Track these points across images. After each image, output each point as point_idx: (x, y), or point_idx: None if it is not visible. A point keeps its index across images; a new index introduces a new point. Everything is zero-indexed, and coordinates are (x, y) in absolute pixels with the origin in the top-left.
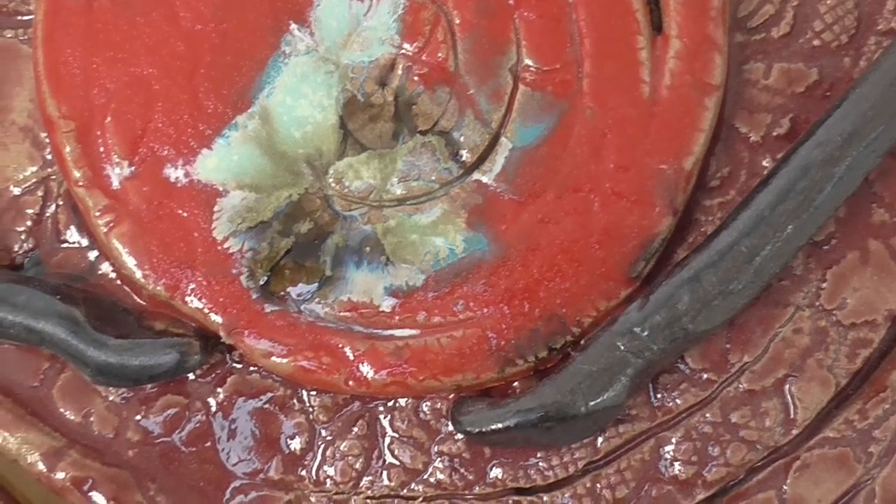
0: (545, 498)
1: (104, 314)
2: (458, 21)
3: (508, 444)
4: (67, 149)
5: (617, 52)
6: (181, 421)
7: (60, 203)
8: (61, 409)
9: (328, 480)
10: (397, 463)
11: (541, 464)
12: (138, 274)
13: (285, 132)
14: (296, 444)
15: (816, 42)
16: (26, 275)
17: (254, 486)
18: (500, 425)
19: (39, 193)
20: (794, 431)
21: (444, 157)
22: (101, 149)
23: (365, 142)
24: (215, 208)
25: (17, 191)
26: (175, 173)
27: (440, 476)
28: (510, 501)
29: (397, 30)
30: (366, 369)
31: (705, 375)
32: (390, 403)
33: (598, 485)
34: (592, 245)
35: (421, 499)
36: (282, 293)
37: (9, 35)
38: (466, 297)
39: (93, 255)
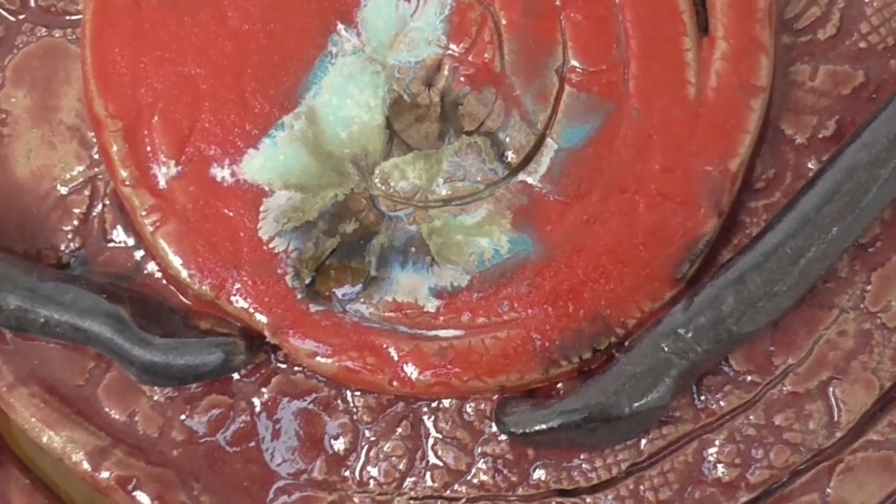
0: (588, 500)
1: (150, 313)
2: (504, 22)
3: (552, 445)
4: (114, 148)
5: (663, 54)
6: (226, 421)
7: (107, 202)
8: (106, 409)
9: (371, 481)
10: (441, 464)
11: (584, 465)
12: (184, 273)
13: (331, 132)
14: (339, 445)
15: (863, 44)
16: (73, 274)
17: (297, 486)
18: (543, 426)
19: (86, 193)
20: (838, 434)
21: (489, 157)
22: (148, 148)
23: (411, 142)
24: (261, 208)
25: (64, 190)
26: (221, 173)
27: (483, 477)
28: (553, 503)
29: (444, 30)
30: (410, 370)
31: (749, 377)
32: (434, 404)
33: (642, 486)
34: (637, 246)
35: (464, 500)
36: (327, 293)
37: (57, 35)
38: (511, 298)
39: (139, 254)
